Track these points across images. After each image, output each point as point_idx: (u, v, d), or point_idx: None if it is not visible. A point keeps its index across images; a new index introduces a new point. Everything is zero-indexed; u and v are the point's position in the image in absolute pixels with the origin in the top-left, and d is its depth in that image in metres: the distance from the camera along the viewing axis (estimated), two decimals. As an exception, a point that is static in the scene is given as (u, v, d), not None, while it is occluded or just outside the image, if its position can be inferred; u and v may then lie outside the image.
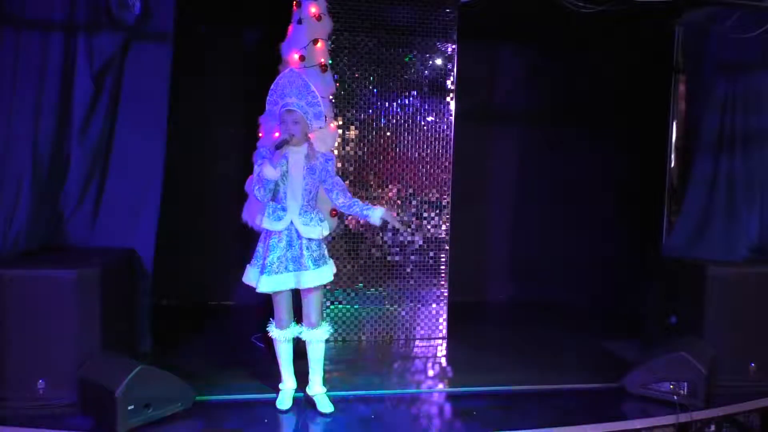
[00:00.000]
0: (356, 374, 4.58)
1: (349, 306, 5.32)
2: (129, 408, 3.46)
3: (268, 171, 3.60)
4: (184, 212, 5.93)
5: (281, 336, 3.92)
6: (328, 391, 3.98)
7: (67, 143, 4.32)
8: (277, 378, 4.06)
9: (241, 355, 4.87)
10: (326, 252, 3.89)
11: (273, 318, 3.93)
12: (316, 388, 3.96)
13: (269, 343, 4.80)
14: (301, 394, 4.02)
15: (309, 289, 3.79)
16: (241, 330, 5.38)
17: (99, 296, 3.81)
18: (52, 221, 4.31)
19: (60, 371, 3.71)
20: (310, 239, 3.75)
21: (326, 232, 3.88)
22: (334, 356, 5.00)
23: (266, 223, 3.77)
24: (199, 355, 4.81)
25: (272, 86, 3.72)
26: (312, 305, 3.85)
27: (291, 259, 3.74)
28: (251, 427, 3.65)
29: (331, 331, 4.06)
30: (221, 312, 6.18)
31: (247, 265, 3.89)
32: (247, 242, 5.96)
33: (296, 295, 3.90)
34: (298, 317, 3.96)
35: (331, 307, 5.27)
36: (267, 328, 3.98)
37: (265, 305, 4.82)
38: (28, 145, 4.12)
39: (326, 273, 3.81)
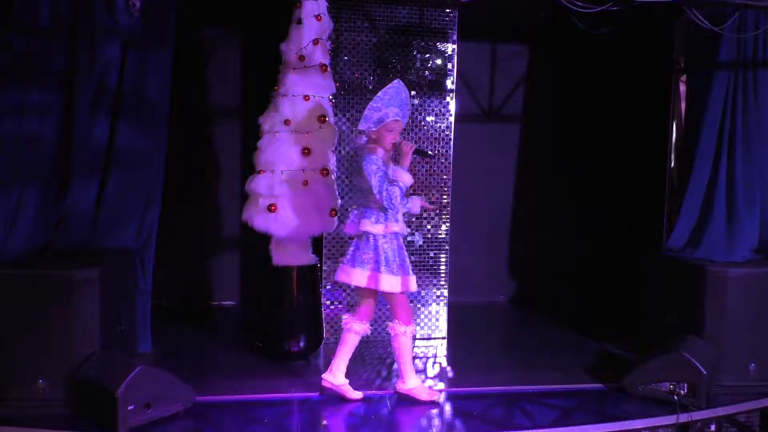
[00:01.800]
0: (356, 374, 4.58)
1: (349, 306, 5.32)
2: (129, 408, 3.46)
3: (407, 177, 3.81)
4: (184, 212, 5.94)
5: (406, 331, 4.00)
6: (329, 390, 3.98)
7: (68, 144, 4.31)
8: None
9: (241, 355, 4.87)
10: None
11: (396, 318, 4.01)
12: (411, 381, 4.08)
13: (268, 343, 4.82)
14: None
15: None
16: (241, 330, 5.38)
17: (99, 296, 3.81)
18: (53, 221, 4.31)
19: (60, 371, 3.71)
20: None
21: None
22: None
23: (396, 227, 3.88)
24: (199, 355, 4.81)
25: (380, 94, 3.86)
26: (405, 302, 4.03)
27: (402, 262, 3.91)
28: (251, 427, 3.65)
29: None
30: (221, 312, 6.18)
31: (381, 274, 3.85)
32: (247, 242, 6.01)
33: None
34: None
35: (331, 307, 5.28)
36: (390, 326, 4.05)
37: (264, 306, 4.85)
38: (30, 145, 4.12)
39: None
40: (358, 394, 4.07)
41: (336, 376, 4.05)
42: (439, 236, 5.44)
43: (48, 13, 4.16)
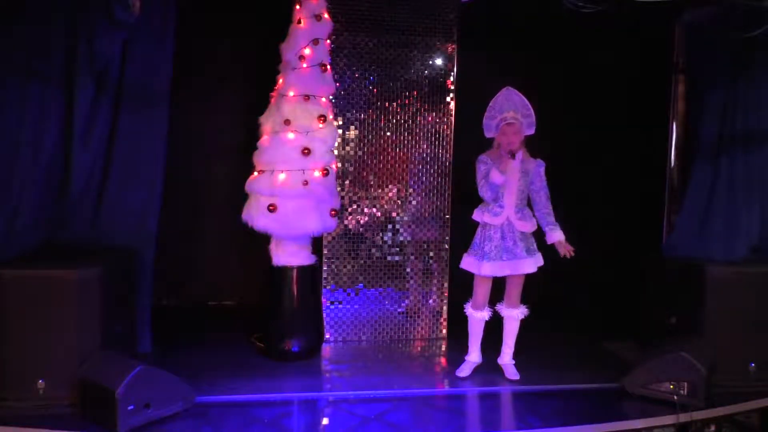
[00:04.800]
0: (356, 374, 4.59)
1: (349, 306, 5.32)
2: (129, 408, 3.46)
3: (497, 177, 4.22)
4: (184, 212, 5.94)
5: (479, 315, 4.49)
6: (329, 390, 4.02)
7: (68, 143, 4.31)
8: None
9: (241, 355, 4.86)
10: (535, 244, 4.45)
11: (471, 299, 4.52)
12: (506, 358, 4.58)
13: (268, 343, 4.82)
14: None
15: (517, 276, 4.40)
16: (241, 330, 5.38)
17: (99, 296, 3.81)
18: (54, 221, 4.32)
19: (60, 371, 3.71)
20: (523, 232, 4.37)
21: (535, 227, 4.43)
22: (334, 356, 5.01)
23: (487, 218, 4.36)
24: (199, 355, 4.81)
25: (491, 103, 4.45)
26: (516, 288, 4.49)
27: (504, 249, 4.34)
28: (251, 427, 3.65)
29: (527, 313, 4.59)
30: (221, 312, 6.18)
31: (465, 254, 4.46)
32: (247, 242, 6.00)
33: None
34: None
35: (332, 307, 5.28)
36: (465, 308, 4.54)
37: (264, 306, 4.85)
38: (30, 145, 4.12)
39: (538, 260, 4.43)
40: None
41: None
42: (439, 236, 5.44)
43: (48, 9, 4.15)
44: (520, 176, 4.37)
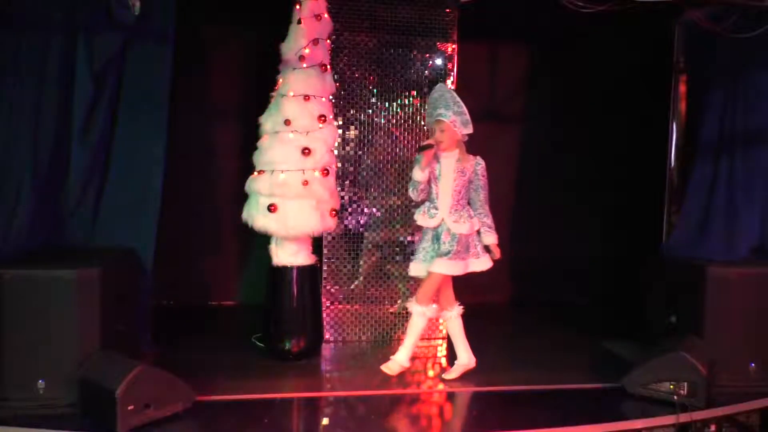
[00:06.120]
0: (356, 374, 4.59)
1: (349, 306, 5.32)
2: (129, 408, 3.46)
3: (416, 173, 4.18)
4: (184, 212, 5.93)
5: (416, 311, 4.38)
6: (329, 390, 4.03)
7: (67, 143, 4.31)
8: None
9: (241, 355, 4.86)
10: (479, 246, 4.35)
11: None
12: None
13: (268, 343, 4.82)
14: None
15: (438, 274, 4.25)
16: (241, 330, 5.38)
17: (99, 296, 3.81)
18: (52, 221, 4.31)
19: (60, 371, 3.70)
20: (462, 234, 4.22)
21: (476, 228, 4.33)
22: (334, 356, 5.01)
23: (421, 220, 4.30)
24: (199, 355, 4.80)
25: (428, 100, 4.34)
26: (428, 287, 4.32)
27: (435, 252, 4.25)
28: (251, 427, 3.65)
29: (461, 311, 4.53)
30: (221, 312, 6.18)
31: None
32: (247, 242, 6.01)
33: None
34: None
35: (331, 307, 5.28)
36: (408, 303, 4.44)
37: (264, 306, 4.85)
38: (29, 145, 4.11)
39: (478, 264, 4.32)
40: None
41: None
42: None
43: (47, 8, 4.15)
44: (456, 176, 4.26)
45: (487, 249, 4.40)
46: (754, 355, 4.39)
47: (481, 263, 4.36)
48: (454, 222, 4.24)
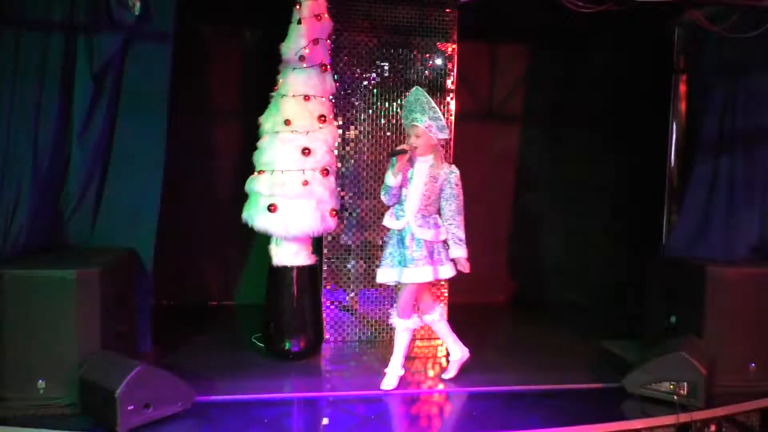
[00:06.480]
0: (356, 374, 4.59)
1: (349, 306, 5.32)
2: (129, 408, 3.46)
3: (388, 178, 4.13)
4: (184, 212, 5.93)
5: (402, 325, 4.30)
6: (329, 390, 4.01)
7: (67, 143, 4.31)
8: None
9: (241, 355, 4.86)
10: (443, 254, 4.20)
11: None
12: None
13: (268, 343, 4.82)
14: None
15: (410, 284, 4.15)
16: (240, 330, 5.38)
17: (99, 296, 3.81)
18: (52, 221, 4.31)
19: (60, 371, 3.71)
20: (425, 240, 4.12)
21: (443, 237, 4.21)
22: (334, 356, 5.01)
23: (387, 221, 4.26)
24: (199, 355, 4.81)
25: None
26: (408, 296, 4.23)
27: (400, 256, 4.15)
28: (251, 427, 3.65)
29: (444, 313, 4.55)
30: (221, 312, 6.18)
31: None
32: (247, 242, 6.01)
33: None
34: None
35: (331, 307, 5.28)
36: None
37: (264, 306, 4.85)
38: (29, 145, 4.11)
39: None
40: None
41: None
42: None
43: (47, 8, 4.15)
44: (427, 181, 4.14)
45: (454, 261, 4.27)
46: (754, 355, 4.39)
47: (445, 271, 4.21)
48: (419, 227, 4.13)
